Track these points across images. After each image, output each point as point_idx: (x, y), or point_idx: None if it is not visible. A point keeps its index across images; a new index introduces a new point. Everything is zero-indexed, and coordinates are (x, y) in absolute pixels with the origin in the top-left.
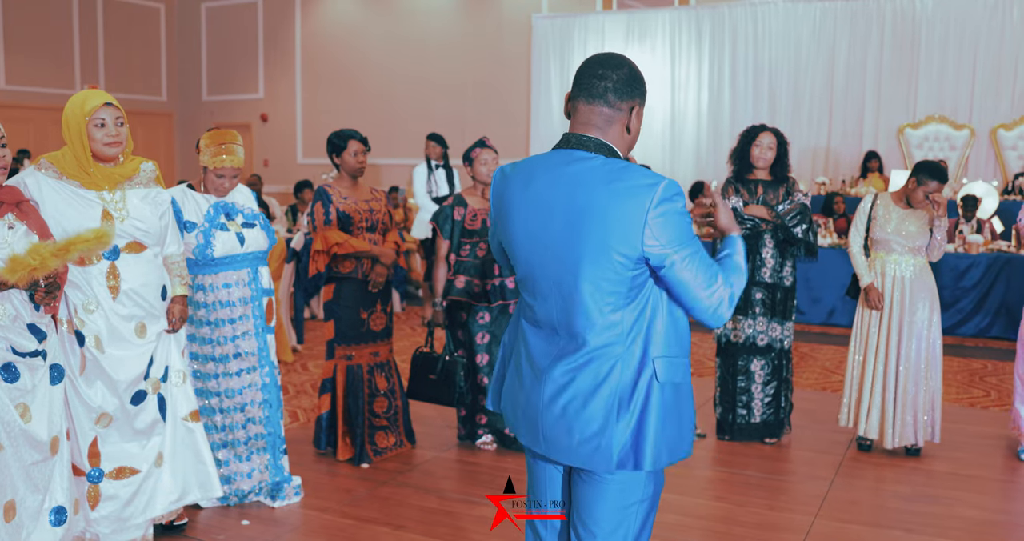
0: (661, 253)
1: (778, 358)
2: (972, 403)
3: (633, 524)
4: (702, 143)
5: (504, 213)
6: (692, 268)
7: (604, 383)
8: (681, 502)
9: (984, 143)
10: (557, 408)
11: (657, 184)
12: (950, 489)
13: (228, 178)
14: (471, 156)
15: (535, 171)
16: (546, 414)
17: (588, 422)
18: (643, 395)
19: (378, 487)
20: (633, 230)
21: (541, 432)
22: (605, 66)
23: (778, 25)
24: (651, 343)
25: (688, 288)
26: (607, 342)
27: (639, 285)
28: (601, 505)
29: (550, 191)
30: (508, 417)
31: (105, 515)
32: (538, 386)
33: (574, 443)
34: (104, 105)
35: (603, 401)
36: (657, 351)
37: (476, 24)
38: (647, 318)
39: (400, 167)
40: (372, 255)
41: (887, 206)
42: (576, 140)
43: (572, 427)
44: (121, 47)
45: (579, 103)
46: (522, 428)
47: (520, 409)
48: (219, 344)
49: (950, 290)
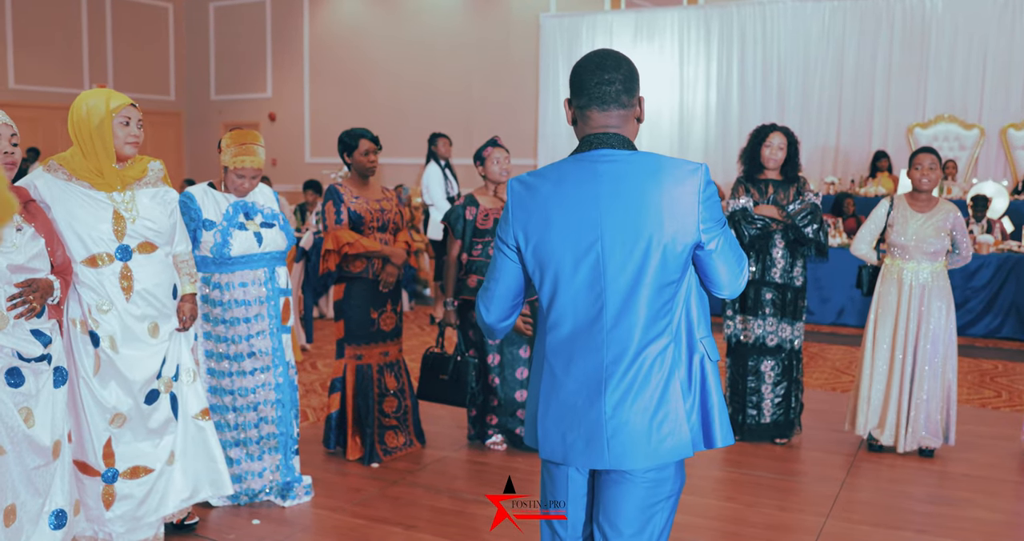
0: (712, 235)
1: (788, 358)
2: (983, 404)
3: (659, 521)
4: (711, 142)
5: (536, 222)
6: (729, 247)
7: (669, 373)
8: (691, 502)
9: (994, 143)
10: (630, 413)
11: (699, 168)
12: (962, 490)
13: (248, 178)
14: (483, 155)
15: (566, 175)
16: (617, 424)
17: (666, 416)
18: (700, 375)
19: (388, 487)
20: (690, 216)
21: (607, 446)
22: (607, 69)
23: (787, 24)
24: (693, 325)
25: (725, 267)
26: (659, 333)
27: (687, 269)
28: (631, 503)
29: (590, 191)
30: (552, 446)
31: (120, 515)
32: (598, 400)
33: (654, 443)
34: (130, 105)
35: (673, 391)
36: (701, 331)
37: (484, 23)
38: (685, 301)
39: (407, 166)
40: (383, 255)
41: (904, 212)
42: (599, 140)
43: (650, 427)
44: (130, 47)
45: (591, 112)
46: (575, 451)
47: (573, 431)
48: (234, 342)
49: (960, 290)
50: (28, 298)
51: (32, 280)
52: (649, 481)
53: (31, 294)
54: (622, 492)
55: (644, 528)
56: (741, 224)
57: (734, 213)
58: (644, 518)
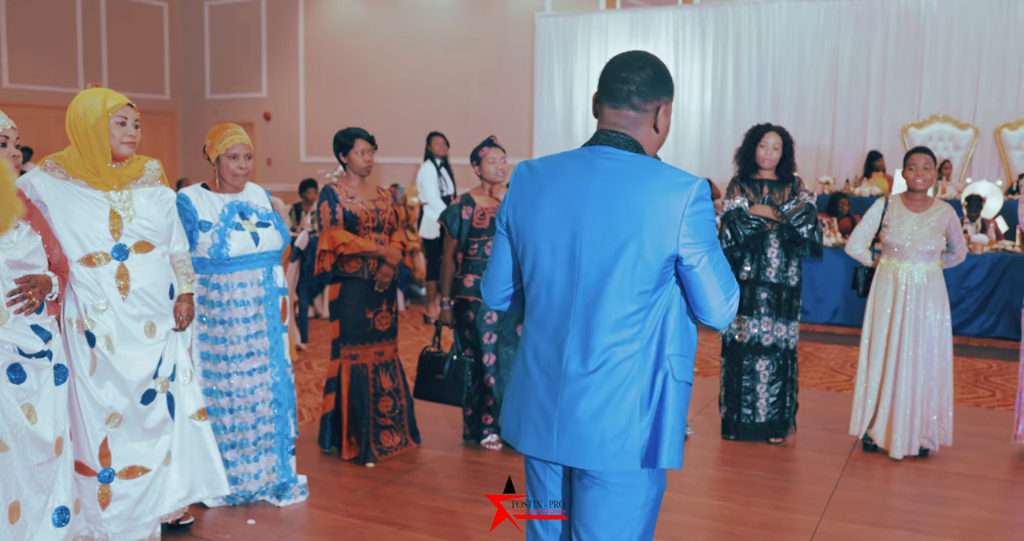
0: (693, 251)
1: (783, 358)
2: (977, 403)
3: (636, 528)
4: (705, 142)
5: (527, 205)
6: (716, 270)
7: (628, 380)
8: (686, 502)
9: (988, 142)
10: (580, 410)
11: (692, 182)
12: (956, 489)
13: (242, 157)
14: (479, 155)
15: (565, 165)
16: (566, 417)
17: (613, 422)
18: (660, 392)
19: (383, 486)
20: (670, 227)
21: (556, 438)
22: (627, 68)
23: (782, 24)
24: (665, 340)
25: (708, 289)
26: (627, 338)
27: (663, 282)
28: (605, 509)
29: (581, 185)
30: (509, 427)
31: (116, 515)
32: (555, 390)
33: (596, 445)
34: (127, 105)
35: (628, 399)
36: (672, 349)
37: (479, 23)
38: (662, 315)
39: (402, 166)
40: (378, 255)
41: (899, 211)
42: (606, 136)
43: (597, 428)
44: (124, 46)
45: (605, 107)
46: (528, 437)
47: (528, 417)
48: (232, 343)
49: (954, 290)
50: (27, 293)
51: (31, 276)
52: (620, 487)
53: (30, 289)
54: (595, 496)
55: (619, 534)
56: (736, 224)
57: (729, 213)
58: (619, 524)
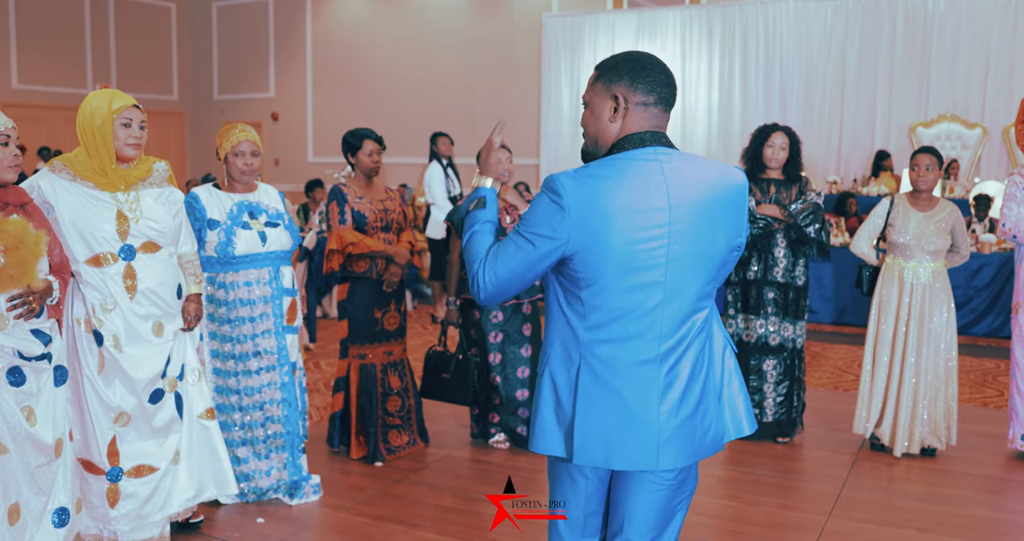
0: (743, 238)
1: (790, 357)
2: (985, 403)
3: (680, 518)
4: (713, 141)
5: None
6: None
7: (712, 366)
8: (694, 501)
9: (996, 142)
10: (687, 408)
11: (743, 174)
12: (963, 489)
13: (248, 154)
14: None
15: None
16: (671, 421)
17: (705, 412)
18: (729, 364)
19: (392, 485)
20: (740, 218)
21: (658, 445)
22: (669, 74)
23: (789, 23)
24: (714, 316)
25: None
26: (701, 328)
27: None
28: (656, 505)
29: (652, 190)
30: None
31: (124, 513)
32: (649, 401)
33: (698, 438)
34: (132, 106)
35: (710, 385)
36: (720, 323)
37: (486, 23)
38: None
39: (410, 166)
40: (387, 255)
41: (905, 210)
42: (653, 138)
43: (693, 423)
44: (133, 46)
45: (657, 109)
46: (626, 453)
47: (623, 432)
48: (239, 342)
49: (962, 289)
50: (28, 299)
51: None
52: (675, 482)
53: (30, 295)
54: (649, 494)
55: (668, 526)
56: None
57: None
58: (668, 516)
